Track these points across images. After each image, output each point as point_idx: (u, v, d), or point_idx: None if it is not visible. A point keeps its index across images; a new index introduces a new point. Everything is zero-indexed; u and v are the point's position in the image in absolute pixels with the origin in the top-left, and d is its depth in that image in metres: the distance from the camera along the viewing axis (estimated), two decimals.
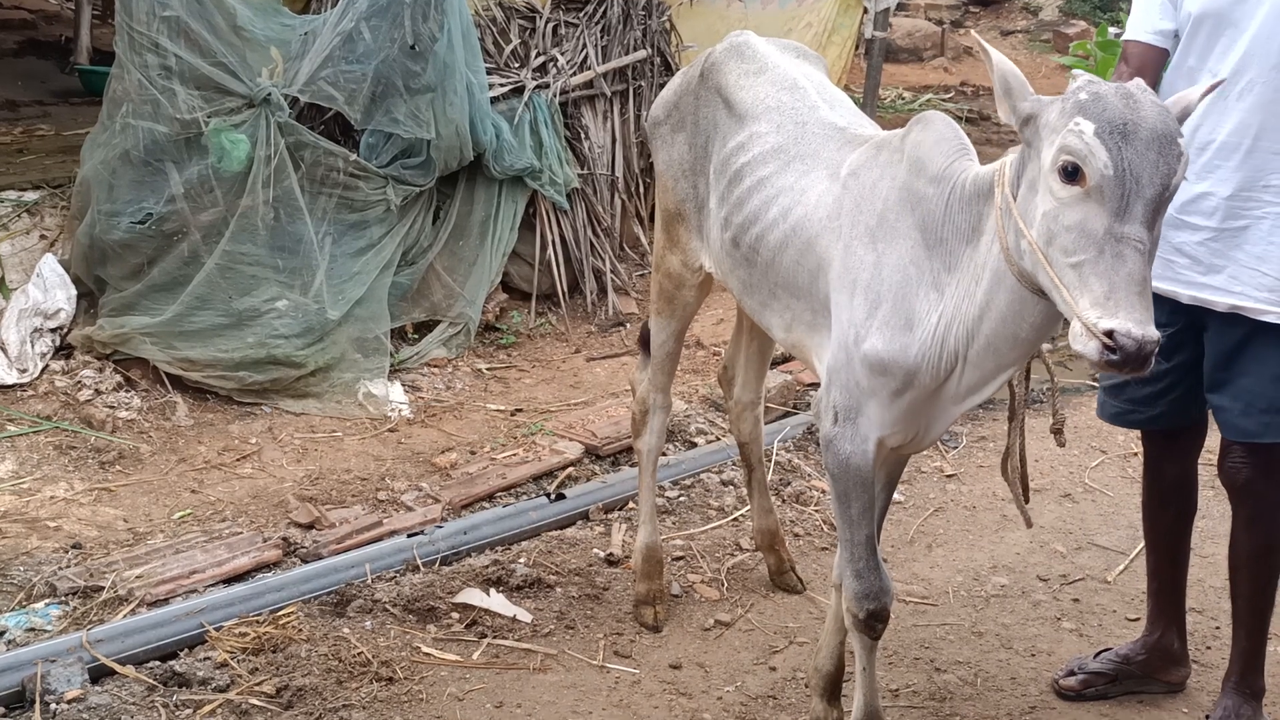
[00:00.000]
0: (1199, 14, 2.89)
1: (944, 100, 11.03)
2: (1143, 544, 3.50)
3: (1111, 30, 7.51)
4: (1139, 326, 2.01)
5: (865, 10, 8.19)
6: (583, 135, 6.12)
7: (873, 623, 2.80)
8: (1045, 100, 2.22)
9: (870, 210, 2.59)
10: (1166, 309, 2.97)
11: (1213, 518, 4.25)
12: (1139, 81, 2.19)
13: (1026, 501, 2.73)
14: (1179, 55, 2.98)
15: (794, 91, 3.02)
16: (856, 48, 8.59)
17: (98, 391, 4.60)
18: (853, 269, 2.59)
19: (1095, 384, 5.59)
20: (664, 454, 4.38)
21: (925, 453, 4.73)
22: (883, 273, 2.53)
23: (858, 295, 2.57)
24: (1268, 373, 2.89)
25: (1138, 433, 3.85)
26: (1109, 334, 2.01)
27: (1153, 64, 2.99)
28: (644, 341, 3.70)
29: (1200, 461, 3.33)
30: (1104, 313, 2.03)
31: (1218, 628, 3.72)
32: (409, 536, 3.88)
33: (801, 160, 2.86)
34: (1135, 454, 4.84)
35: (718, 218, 3.08)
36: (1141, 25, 3.00)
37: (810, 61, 3.29)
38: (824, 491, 4.36)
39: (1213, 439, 3.21)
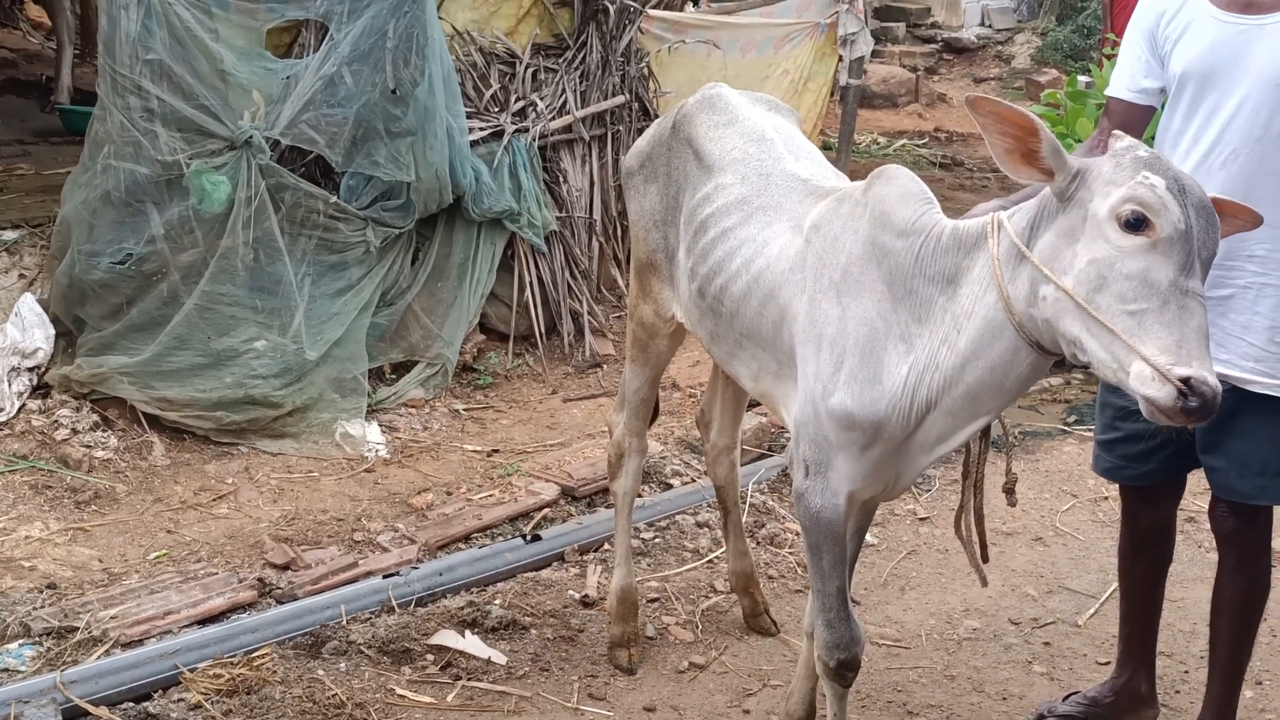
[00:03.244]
0: (1183, 74, 2.89)
1: (918, 145, 11.17)
2: (1114, 587, 3.54)
3: (1082, 80, 7.63)
4: (1212, 376, 2.07)
5: (840, 58, 8.30)
6: (561, 179, 6.18)
7: (844, 671, 2.83)
8: (1094, 159, 2.27)
9: (834, 264, 2.62)
10: None
11: (1183, 562, 4.29)
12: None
13: (985, 560, 2.77)
14: (1165, 115, 2.99)
15: (761, 143, 3.07)
16: (832, 94, 8.70)
17: (74, 431, 4.60)
18: (818, 323, 2.62)
19: (1066, 429, 5.67)
20: (640, 495, 4.41)
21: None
22: (848, 326, 2.56)
23: (823, 350, 2.59)
24: (1263, 437, 2.91)
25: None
26: (1185, 380, 2.05)
27: (1136, 122, 3.01)
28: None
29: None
30: (1177, 360, 2.07)
31: (1186, 671, 3.76)
32: (385, 578, 3.89)
33: (764, 212, 2.90)
34: (1106, 498, 4.90)
35: (685, 268, 3.12)
36: (1124, 82, 3.02)
37: (781, 114, 3.34)
38: (798, 534, 4.39)
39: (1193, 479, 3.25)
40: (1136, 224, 2.15)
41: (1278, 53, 2.75)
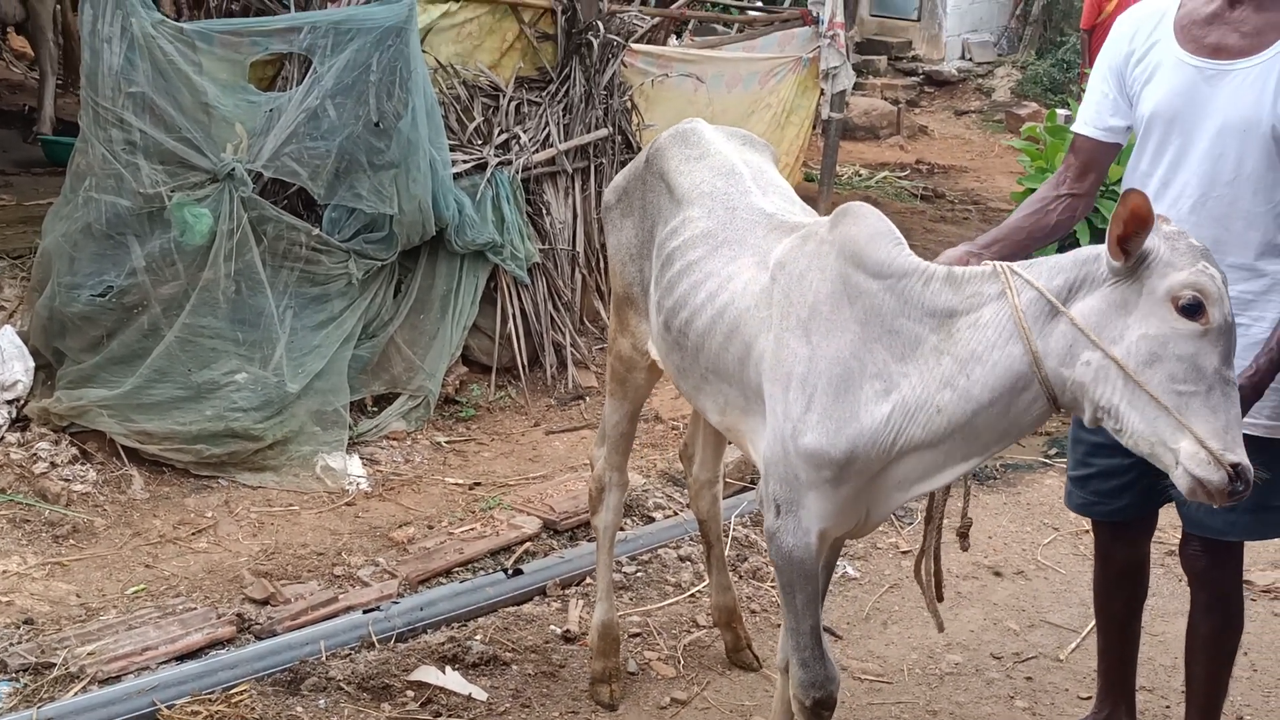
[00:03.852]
0: (1150, 116, 2.90)
1: (900, 178, 11.22)
2: (1094, 622, 3.54)
3: (1061, 114, 7.70)
4: (1250, 464, 2.21)
5: (822, 92, 8.36)
6: (544, 211, 6.19)
7: (820, 710, 2.82)
8: (1153, 239, 2.31)
9: (801, 302, 2.62)
10: None
11: (1163, 595, 4.31)
12: None
13: (940, 599, 2.78)
14: (1134, 156, 3.00)
15: (730, 177, 3.08)
16: (814, 127, 8.76)
17: (53, 464, 4.57)
18: (786, 361, 2.61)
19: (1048, 461, 5.69)
20: (622, 529, 4.40)
21: (881, 528, 4.77)
22: (819, 365, 2.56)
23: (793, 388, 2.59)
24: None
25: None
26: (1235, 466, 2.19)
27: (1101, 160, 3.03)
28: None
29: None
30: (1225, 446, 2.21)
31: (1168, 706, 3.76)
32: (365, 613, 3.87)
33: (729, 246, 2.91)
34: (1087, 531, 4.89)
35: (653, 301, 3.14)
36: (1090, 119, 3.04)
37: (755, 149, 3.35)
38: None
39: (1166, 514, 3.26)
40: (1193, 309, 2.25)
41: (1243, 97, 2.76)
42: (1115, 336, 2.29)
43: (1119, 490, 3.16)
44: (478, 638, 3.85)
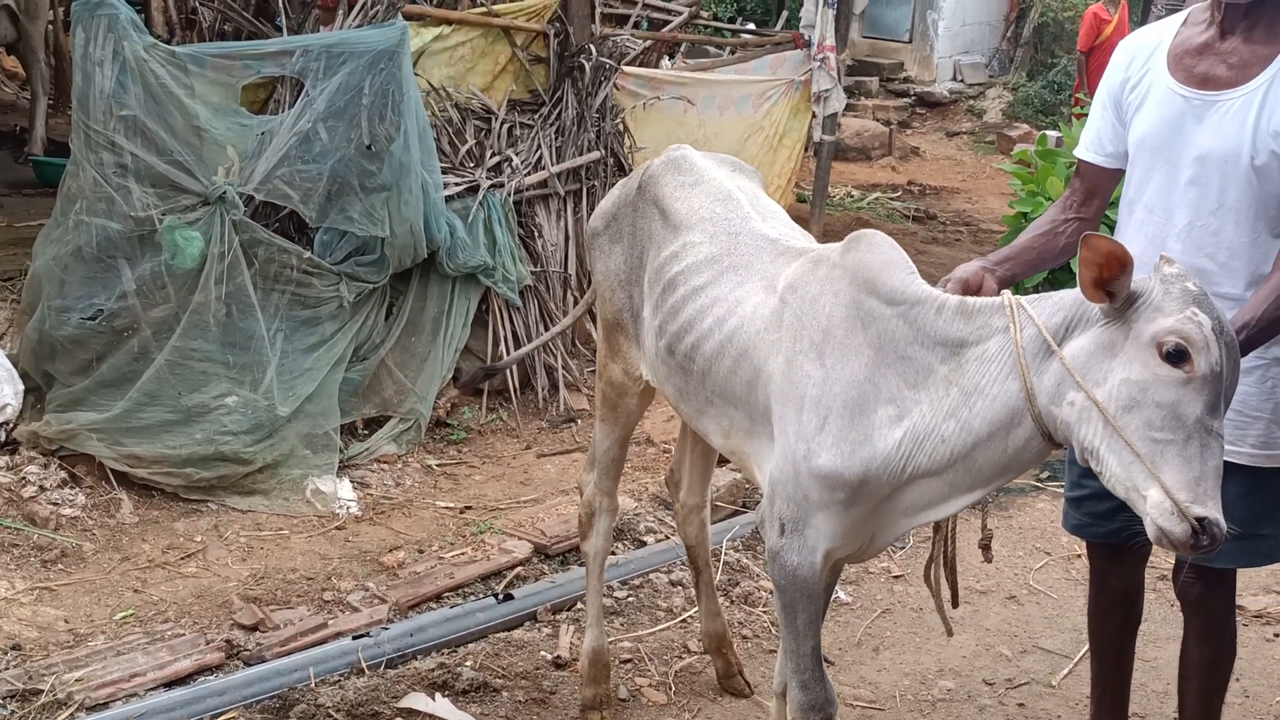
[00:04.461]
0: (1138, 143, 2.92)
1: (891, 199, 11.25)
2: (1087, 647, 3.53)
3: (1052, 136, 7.73)
4: (1221, 518, 2.16)
5: (814, 115, 8.39)
6: (536, 233, 6.20)
7: None
8: (1144, 281, 2.29)
9: (814, 325, 2.64)
10: None
11: (1155, 621, 4.30)
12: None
13: (955, 606, 2.77)
14: (1125, 183, 3.02)
15: (727, 203, 3.10)
16: (806, 149, 8.78)
17: (42, 488, 4.54)
18: (799, 383, 2.63)
19: (1040, 485, 5.68)
20: (613, 553, 4.39)
21: None
22: (834, 388, 2.57)
23: (806, 410, 2.60)
24: (1222, 501, 2.93)
25: None
26: (1200, 520, 2.14)
27: (1104, 185, 3.06)
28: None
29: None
30: (1194, 498, 2.16)
31: None
32: (354, 638, 3.85)
33: (735, 271, 2.92)
34: (1080, 555, 4.90)
35: (651, 326, 3.13)
36: (1091, 145, 3.06)
37: (745, 175, 3.37)
38: (772, 593, 4.37)
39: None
40: (1177, 357, 2.20)
41: (1226, 129, 2.78)
42: (1099, 379, 2.28)
43: (1112, 513, 3.15)
44: (468, 664, 3.83)
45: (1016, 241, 3.07)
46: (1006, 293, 2.49)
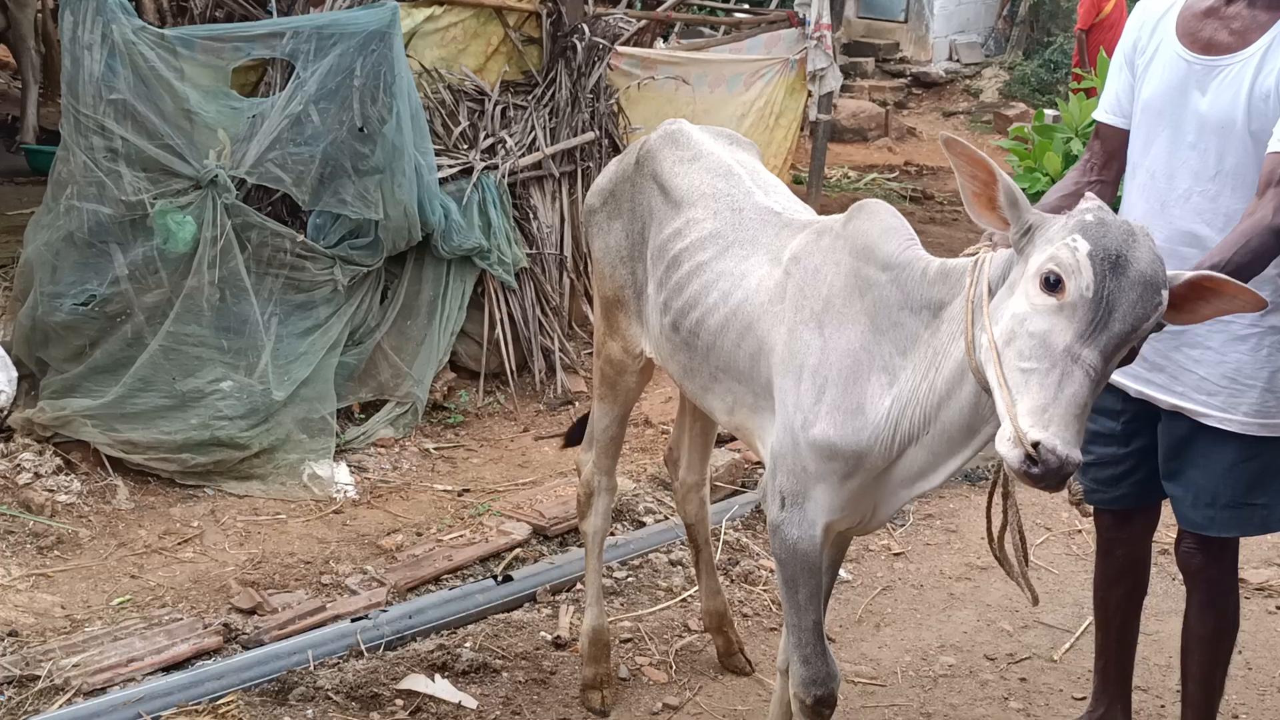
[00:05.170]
0: (1144, 106, 2.92)
1: (888, 179, 11.22)
2: (1088, 621, 3.53)
3: (1049, 114, 7.69)
4: (1065, 446, 2.01)
5: (810, 94, 8.34)
6: (531, 215, 6.16)
7: (820, 709, 2.79)
8: (1049, 216, 2.24)
9: (815, 295, 2.62)
10: (1119, 397, 3.03)
11: (1158, 595, 4.27)
12: (1145, 227, 2.19)
13: (1026, 563, 2.68)
14: (1130, 145, 3.00)
15: (728, 178, 3.07)
16: (802, 129, 8.74)
17: (37, 475, 4.52)
18: (798, 353, 2.61)
19: None
20: (612, 533, 4.38)
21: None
22: (831, 357, 2.55)
23: (804, 380, 2.58)
24: (1215, 468, 2.91)
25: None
26: (1035, 445, 2.01)
27: (1122, 147, 3.03)
28: (572, 436, 3.79)
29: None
30: (1036, 423, 2.03)
31: (1163, 705, 3.74)
32: (353, 621, 3.83)
33: (740, 245, 2.90)
34: (1080, 530, 4.89)
35: (656, 303, 3.11)
36: (1109, 107, 3.06)
37: (743, 148, 3.34)
38: (772, 571, 4.36)
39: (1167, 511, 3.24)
40: (1053, 284, 2.11)
41: (1224, 94, 2.77)
42: (999, 317, 2.21)
43: (1116, 479, 3.16)
44: (467, 645, 3.81)
45: (1041, 202, 3.04)
46: (983, 250, 2.44)
